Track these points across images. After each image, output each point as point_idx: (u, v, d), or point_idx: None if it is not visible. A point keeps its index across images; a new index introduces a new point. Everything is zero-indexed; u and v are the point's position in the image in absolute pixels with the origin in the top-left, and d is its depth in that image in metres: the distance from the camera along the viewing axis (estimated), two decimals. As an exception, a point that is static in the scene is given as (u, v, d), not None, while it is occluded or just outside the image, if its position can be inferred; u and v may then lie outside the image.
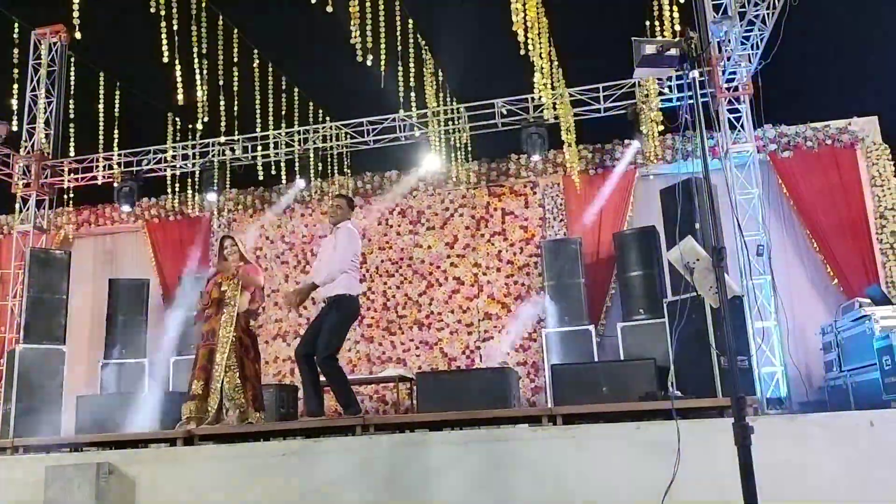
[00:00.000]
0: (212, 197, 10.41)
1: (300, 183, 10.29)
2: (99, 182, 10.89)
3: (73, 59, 9.86)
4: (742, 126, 8.88)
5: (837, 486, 3.98)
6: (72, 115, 9.69)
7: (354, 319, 5.99)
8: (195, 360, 6.03)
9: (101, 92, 9.45)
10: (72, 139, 9.80)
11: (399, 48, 7.64)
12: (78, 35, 6.11)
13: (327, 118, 10.24)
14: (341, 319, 5.70)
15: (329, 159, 10.36)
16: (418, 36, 8.06)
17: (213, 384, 5.81)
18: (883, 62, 8.91)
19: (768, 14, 8.10)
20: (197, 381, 5.85)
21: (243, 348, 5.99)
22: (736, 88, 8.91)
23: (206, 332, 6.03)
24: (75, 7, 6.04)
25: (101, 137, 9.66)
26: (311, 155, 10.22)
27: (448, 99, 9.57)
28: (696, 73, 3.33)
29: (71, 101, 9.68)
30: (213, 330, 5.98)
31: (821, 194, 9.13)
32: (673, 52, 3.35)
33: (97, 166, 10.84)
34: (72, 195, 10.89)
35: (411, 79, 8.23)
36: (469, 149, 9.88)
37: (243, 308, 6.04)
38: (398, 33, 7.53)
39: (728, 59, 8.81)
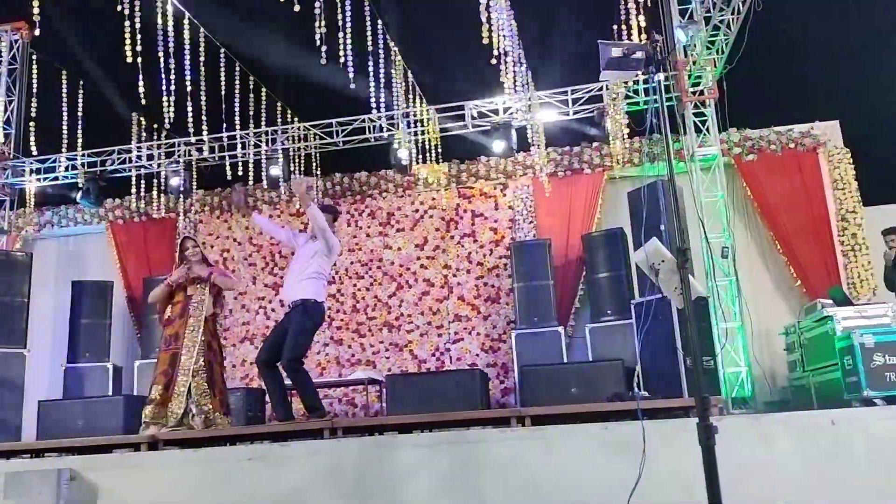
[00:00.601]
0: (175, 181, 10.25)
1: (274, 170, 10.17)
2: (61, 182, 10.73)
3: (35, 57, 9.66)
4: (707, 130, 9.02)
5: (800, 483, 4.04)
6: (34, 115, 9.47)
7: (319, 326, 5.94)
8: (156, 364, 5.89)
9: (65, 91, 9.27)
10: (33, 139, 9.58)
11: (370, 48, 7.60)
12: (37, 31, 5.95)
13: (296, 119, 10.17)
14: (310, 326, 5.67)
15: (298, 160, 10.29)
16: (388, 37, 8.04)
17: (175, 388, 5.68)
18: (844, 68, 9.10)
19: (733, 19, 8.23)
20: (156, 385, 5.72)
21: (212, 352, 5.87)
22: (702, 92, 9.04)
23: (169, 337, 5.88)
24: (35, 3, 5.90)
25: (64, 137, 9.49)
26: (280, 156, 10.13)
27: (418, 100, 9.56)
28: (661, 77, 3.37)
29: (33, 100, 9.47)
30: (176, 334, 5.84)
31: (784, 197, 9.29)
32: (639, 55, 3.38)
33: (60, 166, 10.66)
34: (34, 196, 10.69)
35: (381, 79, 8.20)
36: (439, 150, 9.88)
37: (210, 311, 5.95)
38: (368, 34, 7.49)
39: (694, 63, 8.93)
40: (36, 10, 5.81)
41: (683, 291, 3.25)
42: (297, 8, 5.99)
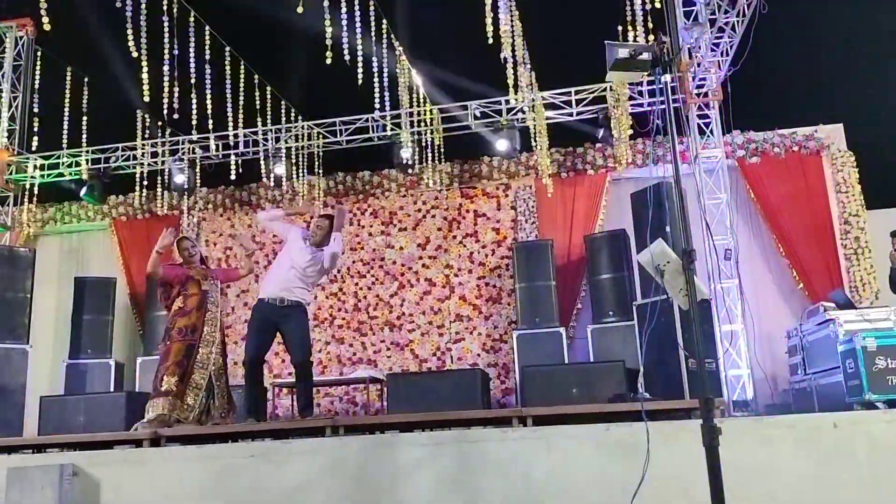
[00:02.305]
0: (179, 179, 10.25)
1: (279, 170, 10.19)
2: (66, 179, 10.75)
3: (39, 54, 9.68)
4: (711, 132, 9.02)
5: (802, 486, 4.04)
6: (38, 111, 9.47)
7: None
8: (166, 354, 5.70)
9: (69, 87, 9.28)
10: (37, 135, 9.58)
11: (374, 48, 7.61)
12: (47, 27, 5.96)
13: (299, 117, 10.17)
14: (308, 325, 5.87)
15: (301, 159, 10.29)
16: (392, 36, 8.04)
17: (191, 382, 5.63)
18: (848, 71, 9.10)
19: (738, 21, 8.22)
20: (170, 376, 5.56)
21: (225, 351, 6.02)
22: (706, 94, 9.03)
23: (185, 327, 5.74)
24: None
25: (65, 133, 9.49)
26: (283, 154, 10.14)
27: (421, 100, 9.56)
28: (667, 78, 3.37)
29: (37, 96, 9.47)
30: (194, 326, 5.74)
31: (787, 200, 9.28)
32: (645, 56, 3.38)
33: (64, 163, 10.68)
34: (37, 192, 10.70)
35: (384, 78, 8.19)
36: (442, 150, 9.88)
37: (222, 308, 6.04)
38: (372, 33, 7.50)
39: (698, 65, 8.92)
40: (43, 6, 5.80)
41: (689, 293, 3.25)
42: (300, 9, 5.99)
